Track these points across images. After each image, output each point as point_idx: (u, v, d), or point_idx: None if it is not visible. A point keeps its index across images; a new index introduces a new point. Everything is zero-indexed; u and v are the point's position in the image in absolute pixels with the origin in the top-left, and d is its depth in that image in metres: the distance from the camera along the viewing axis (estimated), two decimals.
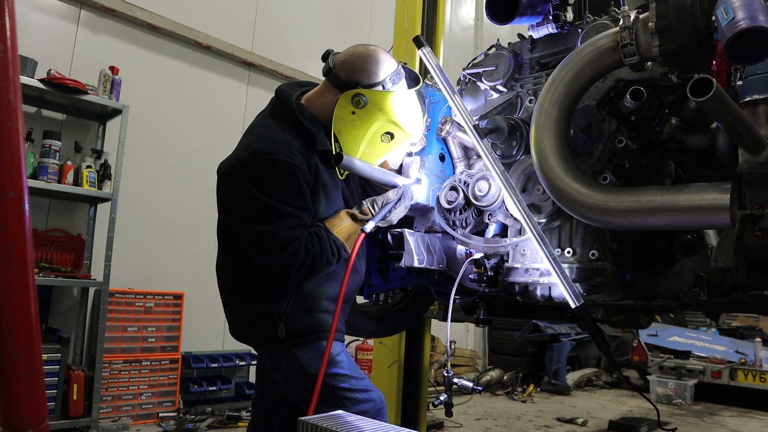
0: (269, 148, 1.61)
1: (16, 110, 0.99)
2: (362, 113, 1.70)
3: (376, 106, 1.70)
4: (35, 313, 1.02)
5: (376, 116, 1.71)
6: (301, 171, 1.62)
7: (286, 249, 1.58)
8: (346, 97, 1.69)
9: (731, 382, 5.98)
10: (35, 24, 3.97)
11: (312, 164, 1.67)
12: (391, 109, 1.72)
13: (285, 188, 1.60)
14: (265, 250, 1.60)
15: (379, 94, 1.70)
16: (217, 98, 5.04)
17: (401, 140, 1.81)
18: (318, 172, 1.69)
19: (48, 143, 3.61)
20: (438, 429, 4.50)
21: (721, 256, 1.64)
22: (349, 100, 1.69)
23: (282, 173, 1.59)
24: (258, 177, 1.60)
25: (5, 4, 0.98)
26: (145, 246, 4.49)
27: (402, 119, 1.76)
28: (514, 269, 1.89)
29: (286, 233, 1.59)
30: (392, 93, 1.72)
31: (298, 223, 1.61)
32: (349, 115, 1.70)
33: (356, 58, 1.73)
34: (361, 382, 1.73)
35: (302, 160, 1.64)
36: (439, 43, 3.55)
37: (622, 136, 1.77)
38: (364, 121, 1.71)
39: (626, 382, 4.29)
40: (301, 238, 1.60)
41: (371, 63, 1.71)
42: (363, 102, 1.68)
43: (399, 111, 1.74)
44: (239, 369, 4.79)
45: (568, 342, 6.74)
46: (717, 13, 1.38)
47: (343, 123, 1.71)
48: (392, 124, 1.75)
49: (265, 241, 1.60)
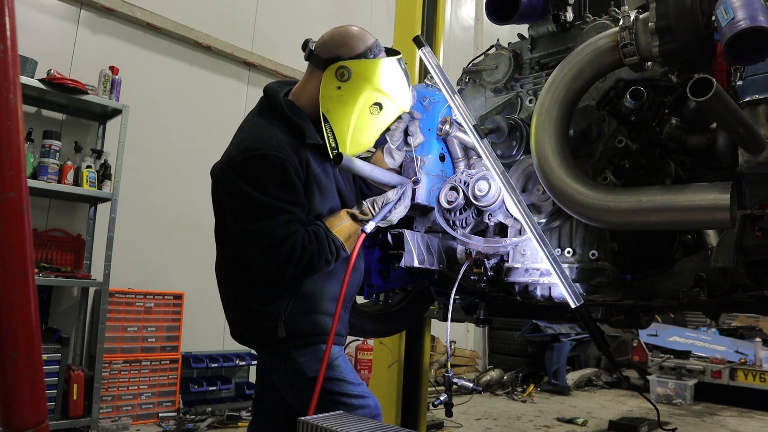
0: (258, 144, 1.62)
1: (16, 110, 0.99)
2: (348, 86, 1.70)
3: (360, 76, 1.70)
4: (35, 313, 1.02)
5: (362, 87, 1.71)
6: (291, 165, 1.62)
7: (282, 246, 1.57)
8: (330, 72, 1.70)
9: (731, 382, 5.98)
10: (35, 24, 3.97)
11: (303, 158, 1.67)
12: (376, 77, 1.73)
13: (276, 183, 1.60)
14: (261, 247, 1.60)
15: (362, 63, 1.71)
16: (217, 98, 5.03)
17: (391, 111, 1.80)
18: (310, 166, 1.69)
19: (48, 143, 3.61)
20: (438, 429, 4.50)
21: (721, 256, 1.64)
22: (333, 74, 1.69)
23: (272, 168, 1.60)
24: (249, 173, 1.60)
25: (5, 4, 0.98)
26: (145, 246, 4.49)
27: (388, 87, 1.76)
28: (514, 269, 1.89)
29: (281, 229, 1.58)
30: (375, 60, 1.73)
31: (292, 218, 1.61)
32: (335, 91, 1.70)
33: (335, 35, 1.75)
34: (357, 388, 1.73)
35: (292, 154, 1.64)
36: (439, 43, 3.55)
37: (622, 136, 1.78)
38: (351, 94, 1.71)
39: (626, 382, 4.29)
40: (296, 235, 1.60)
41: (350, 37, 1.73)
42: (347, 74, 1.69)
43: (384, 79, 1.74)
44: (239, 369, 4.80)
45: (568, 342, 6.74)
46: (717, 13, 1.38)
47: (331, 100, 1.71)
48: (379, 93, 1.74)
49: (260, 238, 1.59)
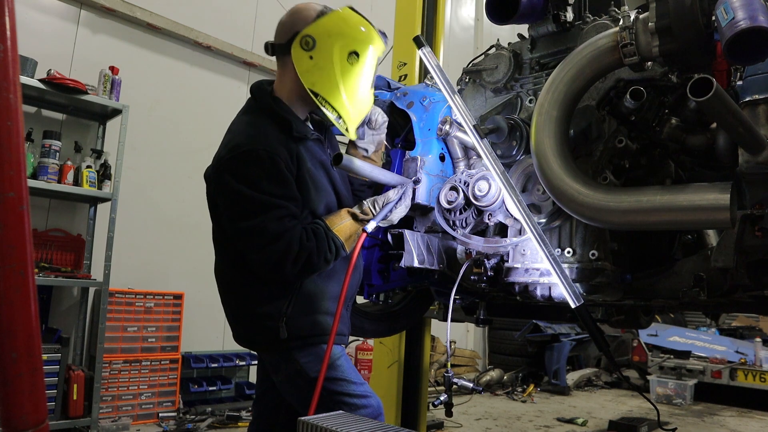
0: (247, 141, 1.63)
1: (16, 110, 0.99)
2: (317, 51, 1.68)
3: (323, 35, 1.68)
4: (35, 313, 1.02)
5: (330, 44, 1.69)
6: (281, 159, 1.61)
7: (278, 242, 1.57)
8: (296, 48, 1.68)
9: (731, 382, 5.98)
10: (35, 24, 3.97)
11: (293, 153, 1.66)
12: (338, 29, 1.70)
13: (267, 177, 1.59)
14: (257, 245, 1.59)
15: (320, 23, 1.68)
16: (217, 98, 5.03)
17: (369, 54, 1.76)
18: (301, 160, 1.68)
19: (48, 143, 3.61)
20: (438, 429, 4.50)
21: (721, 256, 1.64)
22: (300, 48, 1.68)
23: (262, 163, 1.59)
24: (239, 171, 1.60)
25: (5, 4, 0.98)
26: (145, 246, 4.49)
27: (353, 33, 1.73)
28: (514, 269, 1.89)
29: (275, 225, 1.57)
30: (330, 15, 1.70)
31: (285, 213, 1.60)
32: (309, 62, 1.69)
33: (285, 18, 1.74)
34: (360, 388, 1.72)
35: (282, 148, 1.63)
36: (439, 43, 3.55)
37: (622, 136, 1.78)
38: (324, 56, 1.69)
39: (626, 382, 4.28)
40: (292, 231, 1.59)
41: (299, 11, 1.72)
42: (312, 41, 1.67)
43: (346, 27, 1.72)
44: (239, 369, 4.80)
45: (568, 342, 6.74)
46: (717, 13, 1.38)
47: (310, 73, 1.69)
48: (348, 41, 1.71)
49: (255, 236, 1.58)
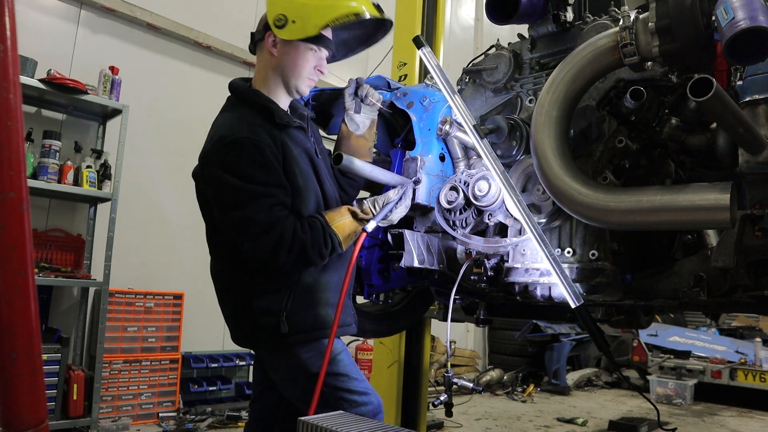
0: (230, 132, 1.63)
1: (16, 110, 0.99)
2: (295, 26, 1.67)
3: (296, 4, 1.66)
4: (35, 313, 1.02)
5: (309, 13, 1.66)
6: (266, 146, 1.61)
7: (271, 233, 1.56)
8: (274, 31, 1.69)
9: (731, 382, 5.98)
10: (35, 24, 3.97)
11: (277, 140, 1.67)
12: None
13: (254, 165, 1.59)
14: (249, 236, 1.57)
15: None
16: (217, 98, 4.99)
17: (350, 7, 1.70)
18: (286, 147, 1.68)
19: (48, 143, 3.61)
20: (438, 429, 4.50)
21: (721, 256, 1.64)
22: (275, 29, 1.68)
23: (246, 150, 1.59)
24: (225, 161, 1.60)
25: (5, 4, 0.98)
26: (145, 246, 4.49)
27: None
28: (514, 269, 1.89)
29: (265, 215, 1.56)
30: None
31: (275, 202, 1.59)
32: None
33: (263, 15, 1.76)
34: (360, 384, 1.72)
35: (265, 135, 1.64)
36: (439, 43, 3.55)
37: (622, 136, 1.78)
38: (304, 26, 1.67)
39: (626, 382, 4.29)
40: (285, 222, 1.58)
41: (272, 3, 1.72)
42: (284, 18, 1.67)
43: None
44: (239, 369, 4.79)
45: (568, 342, 6.74)
46: (717, 13, 1.38)
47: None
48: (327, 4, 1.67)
49: (246, 226, 1.57)
